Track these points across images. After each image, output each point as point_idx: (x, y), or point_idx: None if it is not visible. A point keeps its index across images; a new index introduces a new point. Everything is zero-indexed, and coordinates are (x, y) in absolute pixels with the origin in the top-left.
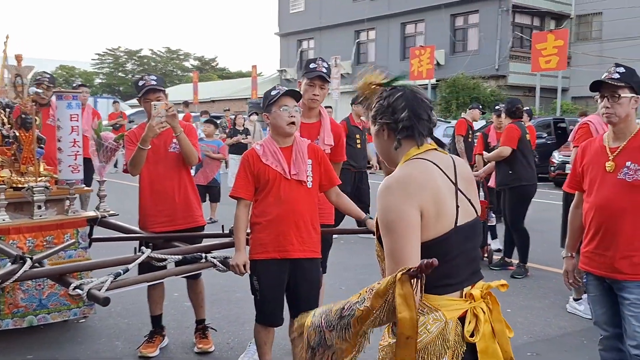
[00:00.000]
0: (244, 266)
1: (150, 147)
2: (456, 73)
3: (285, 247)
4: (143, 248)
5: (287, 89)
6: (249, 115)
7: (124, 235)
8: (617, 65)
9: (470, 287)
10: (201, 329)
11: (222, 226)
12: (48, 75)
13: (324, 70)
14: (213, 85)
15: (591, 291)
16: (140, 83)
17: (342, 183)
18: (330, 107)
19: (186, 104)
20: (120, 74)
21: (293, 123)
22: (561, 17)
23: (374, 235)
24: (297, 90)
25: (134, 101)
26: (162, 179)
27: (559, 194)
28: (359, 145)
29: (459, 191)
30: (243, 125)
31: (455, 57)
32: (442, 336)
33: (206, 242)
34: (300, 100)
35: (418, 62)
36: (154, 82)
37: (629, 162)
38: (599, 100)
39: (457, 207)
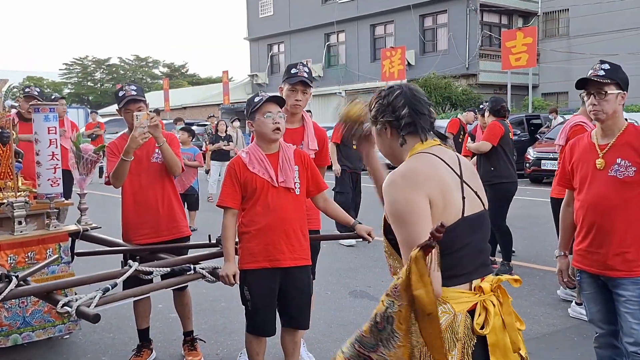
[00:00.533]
0: (234, 276)
1: (133, 158)
2: (427, 73)
3: (275, 256)
4: (130, 261)
5: (270, 94)
6: (232, 122)
7: (108, 249)
8: (602, 61)
9: (479, 280)
10: (189, 340)
11: (209, 236)
12: (38, 90)
13: (306, 75)
14: (184, 91)
15: (585, 289)
16: (121, 93)
17: (342, 184)
18: (310, 110)
19: (157, 111)
20: (89, 83)
21: (278, 129)
22: (528, 15)
23: (363, 240)
24: (280, 95)
25: (105, 110)
26: (145, 190)
27: (535, 190)
28: (354, 147)
29: (464, 183)
30: (225, 131)
31: (425, 57)
32: (450, 329)
33: (192, 253)
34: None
35: (389, 63)
36: (135, 93)
37: (620, 159)
38: (585, 98)
39: (464, 198)
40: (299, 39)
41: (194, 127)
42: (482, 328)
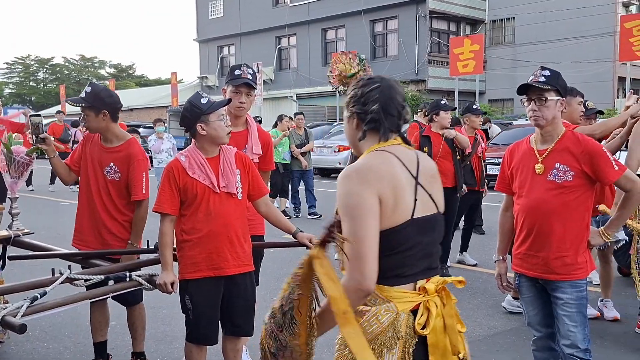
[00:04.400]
0: (172, 285)
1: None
2: None
3: (219, 265)
4: (61, 269)
5: (224, 99)
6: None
7: (39, 254)
8: (543, 68)
9: (425, 280)
10: None
11: (147, 241)
12: None
13: (250, 76)
14: (131, 93)
15: (524, 292)
16: None
17: None
18: (259, 118)
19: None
20: (31, 83)
21: (230, 132)
22: (476, 22)
23: (307, 248)
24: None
25: (48, 111)
26: (91, 197)
27: None
28: None
29: (419, 185)
30: None
31: (376, 62)
32: (392, 327)
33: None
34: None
35: None
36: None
37: (558, 164)
38: (525, 104)
39: (415, 200)
40: (250, 41)
41: (140, 130)
42: (423, 328)
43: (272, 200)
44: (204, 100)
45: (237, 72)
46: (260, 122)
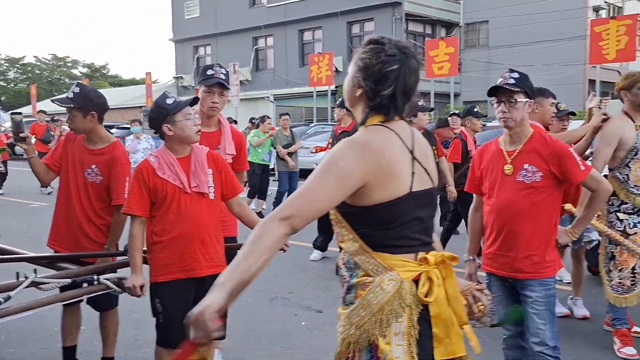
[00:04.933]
0: (141, 288)
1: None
2: None
3: (191, 266)
4: (27, 272)
5: (189, 97)
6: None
7: (6, 257)
8: (512, 70)
9: (425, 253)
10: None
11: (117, 244)
12: None
13: (222, 76)
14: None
15: (494, 292)
16: None
17: None
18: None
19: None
20: (1, 83)
21: (199, 131)
22: (451, 25)
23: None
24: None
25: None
26: (69, 198)
27: None
28: None
29: (415, 160)
30: None
31: None
32: (399, 295)
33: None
34: (198, 108)
35: (317, 68)
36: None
37: (527, 165)
38: (495, 105)
39: (413, 173)
40: (226, 42)
41: (113, 130)
42: (426, 296)
43: (250, 201)
44: (169, 101)
45: (209, 72)
46: (258, 125)
